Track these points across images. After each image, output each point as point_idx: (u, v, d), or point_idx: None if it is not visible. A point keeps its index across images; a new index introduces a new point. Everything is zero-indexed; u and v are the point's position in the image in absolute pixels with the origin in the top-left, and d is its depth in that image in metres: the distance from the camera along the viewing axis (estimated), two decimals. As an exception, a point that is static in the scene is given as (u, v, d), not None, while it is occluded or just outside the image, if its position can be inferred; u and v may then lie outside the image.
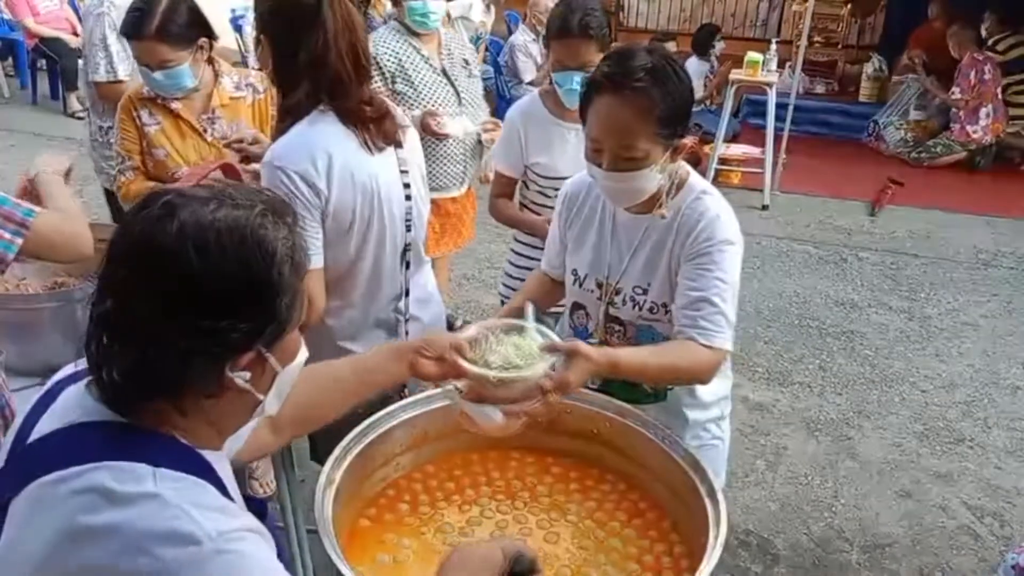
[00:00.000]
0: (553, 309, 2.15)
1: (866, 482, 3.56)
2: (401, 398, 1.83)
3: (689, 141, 1.81)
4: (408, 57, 3.42)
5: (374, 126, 2.01)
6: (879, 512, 3.37)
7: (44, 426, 1.06)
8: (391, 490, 1.73)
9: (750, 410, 4.05)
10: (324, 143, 1.93)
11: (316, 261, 1.94)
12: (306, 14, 1.88)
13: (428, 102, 3.44)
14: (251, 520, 1.03)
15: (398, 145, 2.08)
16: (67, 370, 1.16)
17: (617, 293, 1.92)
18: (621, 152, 1.72)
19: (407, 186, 2.11)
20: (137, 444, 1.02)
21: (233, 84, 2.77)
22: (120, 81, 3.58)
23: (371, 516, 1.66)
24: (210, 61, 2.72)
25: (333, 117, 1.96)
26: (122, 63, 3.58)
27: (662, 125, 1.70)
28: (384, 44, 3.41)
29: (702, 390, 1.96)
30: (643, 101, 1.67)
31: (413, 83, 3.42)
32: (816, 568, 3.07)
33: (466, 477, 1.79)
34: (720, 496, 1.52)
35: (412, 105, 3.41)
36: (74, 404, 1.06)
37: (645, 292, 1.89)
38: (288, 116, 1.96)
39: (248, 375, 1.05)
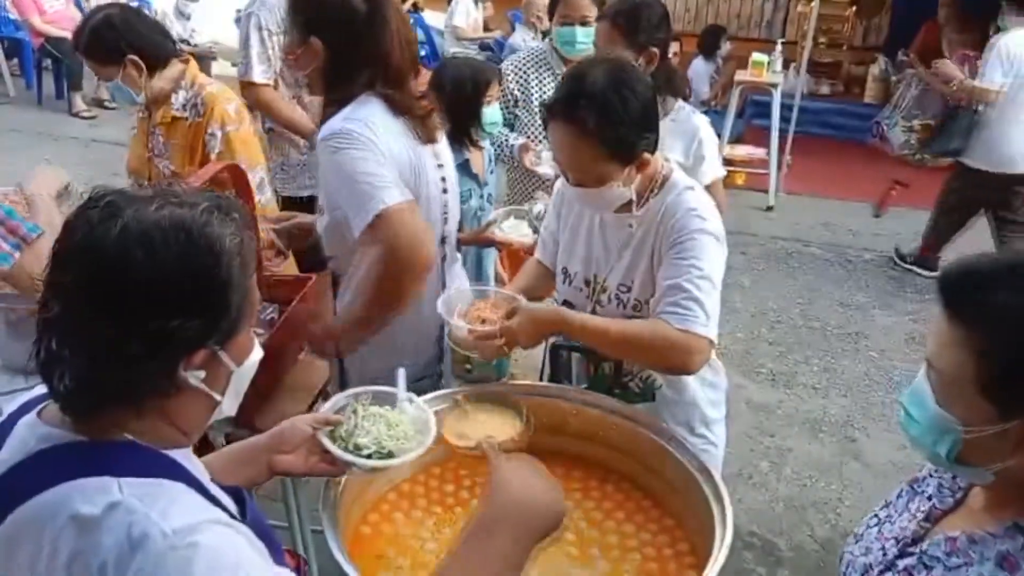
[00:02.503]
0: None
1: (871, 484, 3.55)
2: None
3: (650, 156, 1.78)
4: (538, 84, 3.29)
5: (420, 121, 2.06)
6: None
7: (2, 463, 1.05)
8: (393, 493, 1.72)
9: (754, 411, 4.05)
10: (377, 119, 1.95)
11: (404, 193, 1.91)
12: (364, 15, 1.94)
13: (540, 133, 3.26)
14: (217, 513, 1.02)
15: (435, 140, 2.14)
16: (16, 402, 1.15)
17: (604, 291, 1.94)
18: (576, 173, 1.77)
19: (443, 179, 2.16)
20: (97, 458, 1.01)
21: (183, 101, 2.71)
22: (253, 83, 3.33)
23: (372, 523, 1.65)
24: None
25: (379, 104, 1.98)
26: (259, 65, 3.32)
27: (609, 149, 1.71)
28: (515, 68, 3.31)
29: (691, 393, 1.96)
30: (583, 129, 1.69)
31: (532, 111, 3.29)
32: (820, 570, 3.07)
33: (467, 479, 1.78)
34: (726, 499, 1.51)
35: (525, 132, 3.30)
36: (28, 434, 1.05)
37: (629, 289, 1.90)
38: (335, 105, 1.99)
39: (202, 374, 1.04)
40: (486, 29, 10.05)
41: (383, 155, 1.92)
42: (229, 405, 1.14)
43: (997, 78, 4.66)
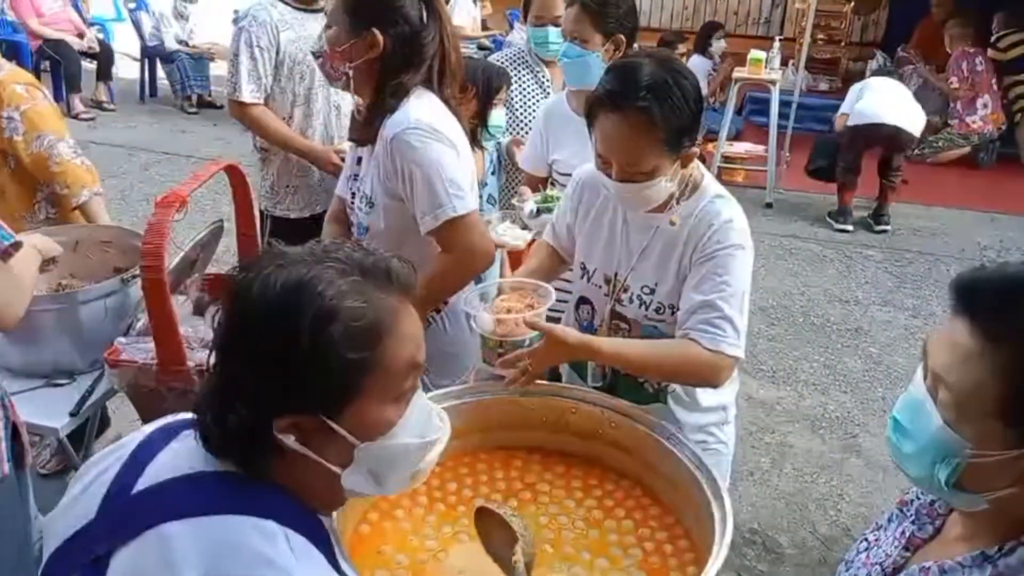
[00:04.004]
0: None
1: (871, 480, 3.55)
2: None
3: (699, 149, 1.80)
4: (518, 83, 3.26)
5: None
6: (885, 510, 3.34)
7: (153, 476, 1.03)
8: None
9: (755, 408, 4.05)
10: (445, 114, 2.07)
11: (474, 200, 2.05)
12: (421, 13, 2.03)
13: (523, 130, 3.25)
14: None
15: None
16: (164, 420, 1.16)
17: (625, 291, 1.92)
18: (627, 167, 1.74)
19: None
20: (265, 499, 1.00)
21: None
22: (243, 102, 3.16)
23: (372, 521, 1.65)
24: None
25: (438, 99, 2.08)
26: (249, 83, 3.14)
27: (667, 141, 1.70)
28: (504, 65, 3.25)
29: (701, 394, 1.96)
30: (645, 121, 1.67)
31: (513, 108, 3.27)
32: (822, 566, 3.06)
33: (469, 477, 1.78)
34: (726, 497, 1.51)
35: (508, 131, 3.26)
36: (188, 454, 1.05)
37: (653, 292, 1.88)
38: (393, 98, 2.04)
39: (292, 438, 1.01)
40: (484, 28, 10.05)
41: (459, 152, 2.03)
42: (358, 481, 1.08)
43: (847, 108, 6.71)
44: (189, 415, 1.10)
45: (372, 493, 1.13)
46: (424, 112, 2.01)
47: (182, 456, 1.05)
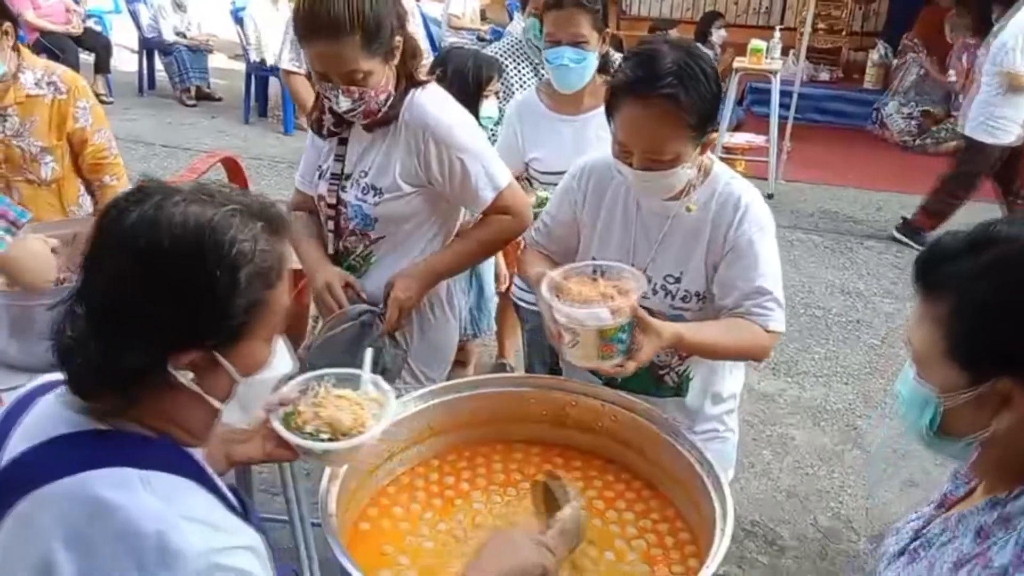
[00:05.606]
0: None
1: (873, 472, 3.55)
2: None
3: (716, 135, 1.79)
4: (516, 73, 3.29)
5: None
6: (886, 502, 3.35)
7: (20, 443, 1.04)
8: (392, 487, 1.72)
9: (756, 400, 4.04)
10: None
11: (510, 175, 2.17)
12: None
13: None
14: (243, 535, 1.04)
15: None
16: (34, 382, 1.15)
17: (647, 282, 1.89)
18: (651, 155, 1.71)
19: None
20: (121, 449, 1.01)
21: (34, 80, 2.68)
22: (284, 69, 4.15)
23: (371, 517, 1.64)
24: (16, 50, 2.64)
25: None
26: (289, 52, 4.00)
27: (692, 127, 1.68)
28: (502, 56, 3.30)
29: (720, 385, 1.97)
30: (671, 108, 1.65)
31: (512, 98, 3.23)
32: (823, 559, 3.06)
33: (467, 471, 1.77)
34: (727, 490, 1.50)
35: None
36: (50, 416, 1.05)
37: (678, 280, 1.86)
38: (413, 84, 2.07)
39: (191, 375, 1.04)
40: (483, 19, 10.00)
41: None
42: (234, 415, 1.12)
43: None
44: (53, 376, 1.11)
45: (238, 424, 1.19)
46: (442, 99, 2.06)
47: (37, 422, 1.06)
